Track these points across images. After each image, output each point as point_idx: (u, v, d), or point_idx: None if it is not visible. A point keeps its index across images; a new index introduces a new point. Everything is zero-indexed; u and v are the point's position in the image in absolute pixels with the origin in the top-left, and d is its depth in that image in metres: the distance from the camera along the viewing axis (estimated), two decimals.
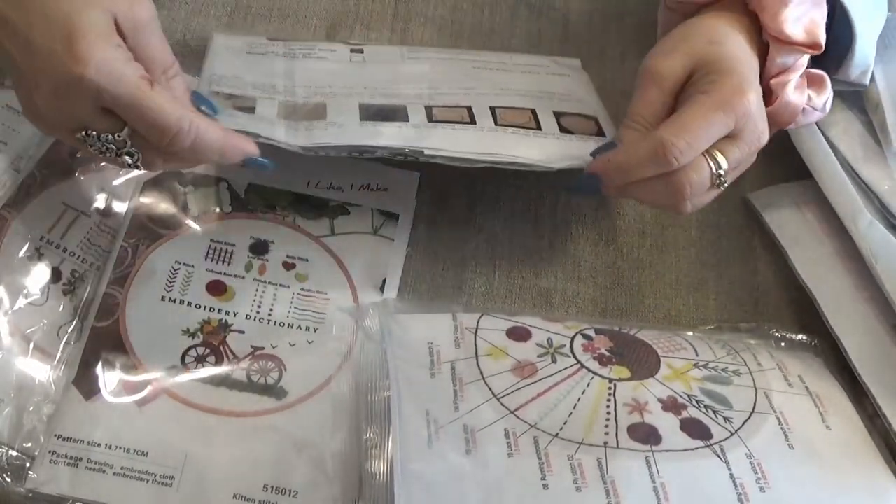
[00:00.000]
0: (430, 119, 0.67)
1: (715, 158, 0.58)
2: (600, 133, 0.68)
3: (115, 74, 0.52)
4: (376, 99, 0.69)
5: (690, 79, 0.60)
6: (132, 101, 0.52)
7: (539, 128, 0.68)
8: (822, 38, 0.62)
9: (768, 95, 0.63)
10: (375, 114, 0.66)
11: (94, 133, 0.54)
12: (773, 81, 0.63)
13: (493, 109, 0.68)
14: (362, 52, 0.76)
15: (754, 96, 0.58)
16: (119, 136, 0.54)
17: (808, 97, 0.64)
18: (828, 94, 0.66)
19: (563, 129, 0.68)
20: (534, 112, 0.69)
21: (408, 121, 0.66)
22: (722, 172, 0.58)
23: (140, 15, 0.55)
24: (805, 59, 0.63)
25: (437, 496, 0.50)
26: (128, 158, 0.55)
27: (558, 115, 0.69)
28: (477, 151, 0.64)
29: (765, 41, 0.63)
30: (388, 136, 0.64)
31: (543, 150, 0.65)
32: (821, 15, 0.63)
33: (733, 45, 0.61)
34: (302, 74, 0.72)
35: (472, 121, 0.67)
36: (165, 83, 0.57)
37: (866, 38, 0.66)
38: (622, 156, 0.58)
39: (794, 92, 0.63)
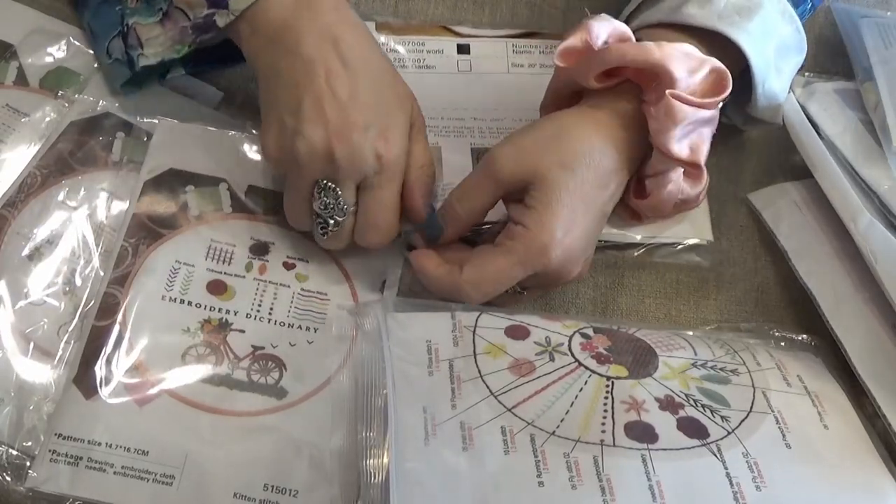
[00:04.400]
0: None
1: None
2: None
3: (396, 172, 0.62)
4: (486, 138, 0.72)
5: (525, 187, 0.62)
6: (386, 198, 0.62)
7: None
8: (704, 156, 0.64)
9: (643, 189, 0.67)
10: None
11: (333, 188, 0.61)
12: (648, 181, 0.66)
13: None
14: (469, 53, 0.77)
15: (558, 253, 0.60)
16: (348, 206, 0.62)
17: (683, 190, 0.67)
18: (703, 184, 0.68)
19: None
20: None
21: None
22: (506, 290, 0.62)
23: (418, 121, 0.65)
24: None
25: (433, 494, 0.50)
26: (332, 222, 0.63)
27: None
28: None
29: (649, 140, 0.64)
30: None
31: None
32: (709, 131, 0.64)
33: (584, 175, 0.62)
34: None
35: None
36: (417, 175, 0.64)
37: (770, 83, 0.69)
38: (427, 273, 0.63)
39: (671, 190, 0.66)
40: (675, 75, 0.61)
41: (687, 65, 0.62)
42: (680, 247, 0.72)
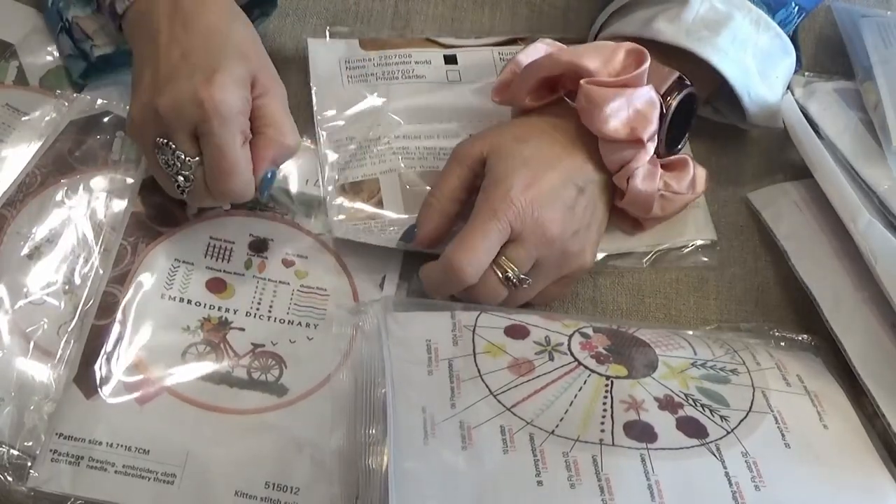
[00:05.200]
0: None
1: (501, 266, 0.62)
2: None
3: (226, 115, 0.60)
4: None
5: (485, 162, 0.65)
6: (222, 143, 0.60)
7: None
8: (647, 132, 0.64)
9: (618, 190, 0.67)
10: None
11: (173, 146, 0.61)
12: (614, 178, 0.66)
13: None
14: (456, 63, 0.78)
15: (523, 201, 0.61)
16: (190, 159, 0.61)
17: (664, 183, 0.67)
18: (690, 177, 0.68)
19: None
20: None
21: None
22: (510, 276, 0.62)
23: (271, 87, 0.64)
24: (647, 148, 0.65)
25: (432, 493, 0.50)
26: (181, 178, 0.62)
27: None
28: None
29: None
30: None
31: None
32: (649, 109, 0.64)
33: (539, 145, 0.65)
34: (402, 112, 0.75)
35: None
36: (268, 140, 0.63)
37: (757, 90, 0.70)
38: (424, 275, 0.64)
39: (644, 182, 0.66)
40: (590, 67, 0.64)
41: (600, 56, 0.65)
42: (686, 250, 0.72)
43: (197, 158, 0.61)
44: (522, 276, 0.63)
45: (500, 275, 0.62)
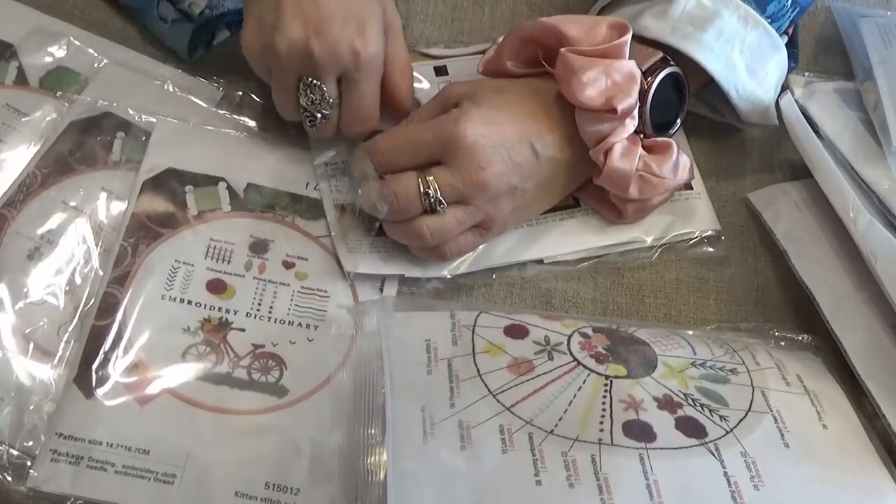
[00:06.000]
0: None
1: (425, 179, 0.63)
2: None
3: (374, 67, 0.64)
4: None
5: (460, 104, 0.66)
6: (366, 92, 0.65)
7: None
8: (623, 104, 0.63)
9: (596, 167, 0.67)
10: None
11: (318, 84, 0.64)
12: (591, 152, 0.66)
13: None
14: (447, 74, 0.78)
15: (469, 133, 0.62)
16: (332, 99, 0.65)
17: (644, 164, 0.66)
18: (672, 159, 0.67)
19: None
20: None
21: None
22: (430, 193, 0.62)
23: (394, 22, 0.68)
24: (626, 124, 0.65)
25: (431, 493, 0.50)
26: (319, 116, 0.66)
27: None
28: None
29: None
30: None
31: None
32: (628, 78, 0.64)
33: (514, 98, 0.66)
34: None
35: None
36: (399, 77, 0.68)
37: (745, 86, 0.70)
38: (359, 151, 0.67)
39: (621, 159, 0.65)
40: (570, 35, 0.65)
41: (582, 25, 0.66)
42: (692, 241, 0.72)
43: (338, 100, 0.65)
44: (440, 200, 0.62)
45: (422, 188, 0.62)
